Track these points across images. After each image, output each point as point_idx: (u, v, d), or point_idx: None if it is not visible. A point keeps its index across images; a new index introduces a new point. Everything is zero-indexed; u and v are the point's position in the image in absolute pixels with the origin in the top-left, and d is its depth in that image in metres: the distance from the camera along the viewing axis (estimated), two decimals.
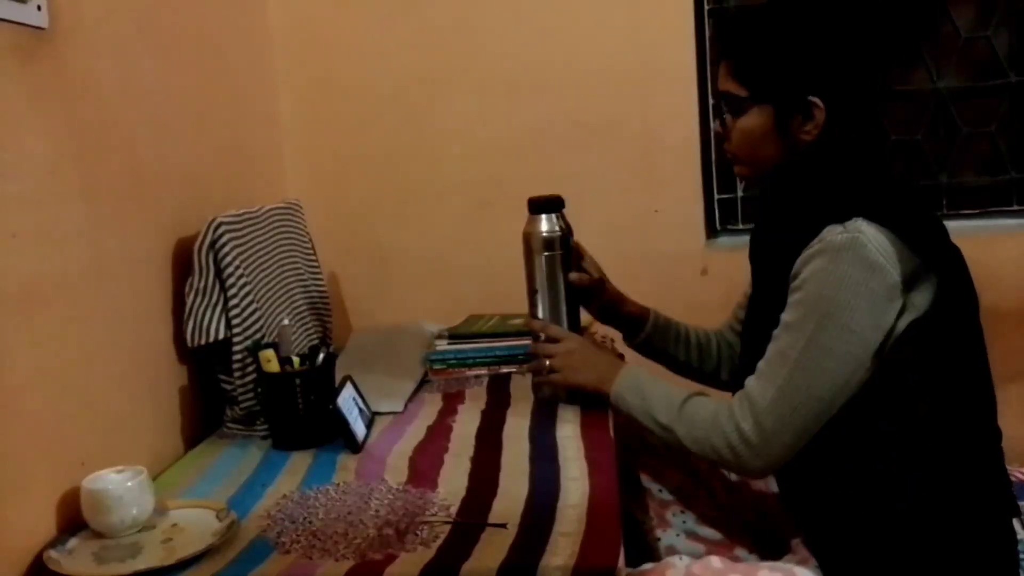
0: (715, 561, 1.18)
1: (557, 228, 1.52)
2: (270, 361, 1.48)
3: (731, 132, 1.31)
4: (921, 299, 1.18)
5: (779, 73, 1.25)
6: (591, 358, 1.46)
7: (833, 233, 1.17)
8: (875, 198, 1.22)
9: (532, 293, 1.53)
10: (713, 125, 1.39)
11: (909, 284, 1.17)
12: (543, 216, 1.52)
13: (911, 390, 1.20)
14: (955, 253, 1.25)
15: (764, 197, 1.40)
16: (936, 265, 1.19)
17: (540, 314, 1.53)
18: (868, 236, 1.16)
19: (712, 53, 2.21)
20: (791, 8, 1.30)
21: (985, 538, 1.24)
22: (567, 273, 1.52)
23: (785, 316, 1.21)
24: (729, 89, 1.30)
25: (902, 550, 1.20)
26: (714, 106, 1.40)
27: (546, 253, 1.52)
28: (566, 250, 1.53)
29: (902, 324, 1.17)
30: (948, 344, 1.21)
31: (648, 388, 1.35)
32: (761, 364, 1.23)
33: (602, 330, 1.76)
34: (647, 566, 1.22)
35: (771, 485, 1.45)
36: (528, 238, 1.53)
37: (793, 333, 1.19)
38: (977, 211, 2.29)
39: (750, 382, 1.24)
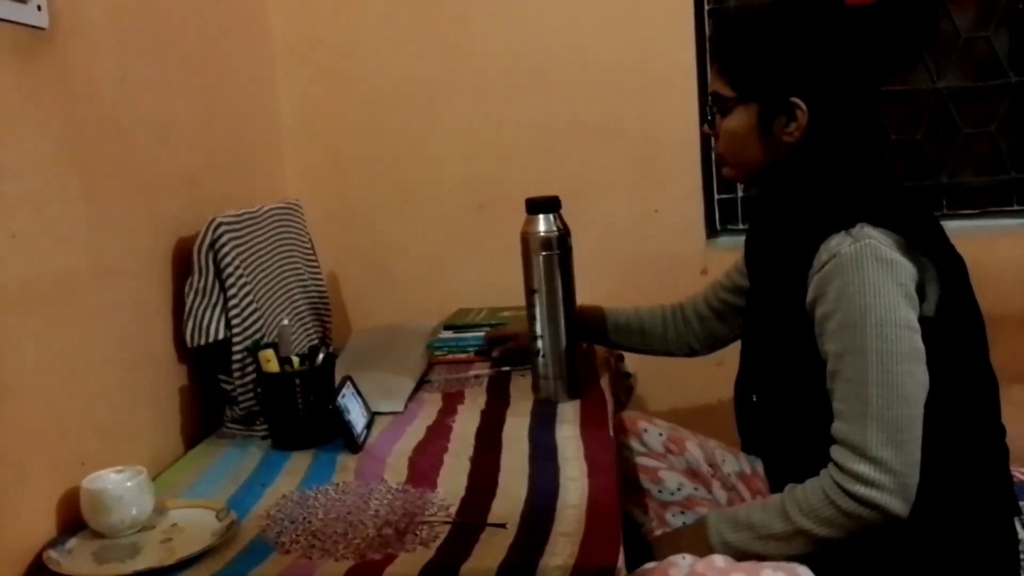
0: (718, 560, 1.16)
1: (554, 228, 1.53)
2: (270, 361, 1.47)
3: (719, 132, 1.33)
4: (930, 298, 1.19)
5: (763, 72, 1.27)
6: (677, 543, 1.28)
7: (843, 246, 1.17)
8: (876, 203, 1.22)
9: (530, 292, 1.55)
10: (703, 127, 1.40)
11: (920, 282, 1.18)
12: (541, 216, 1.54)
13: None
14: (957, 256, 1.26)
15: (762, 203, 1.41)
16: (941, 264, 1.20)
17: (538, 313, 1.54)
18: (877, 239, 1.16)
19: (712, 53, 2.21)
20: (782, 11, 1.32)
21: (986, 536, 1.25)
22: (564, 273, 1.54)
23: (833, 347, 1.18)
24: (717, 89, 1.32)
25: (900, 548, 1.20)
26: (706, 107, 1.39)
27: (544, 253, 1.53)
28: (564, 250, 1.54)
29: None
30: (953, 343, 1.21)
31: (742, 518, 1.23)
32: (839, 406, 1.18)
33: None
34: (649, 565, 1.22)
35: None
36: (526, 238, 1.54)
37: (855, 357, 1.16)
38: (977, 211, 2.29)
39: (839, 430, 1.17)
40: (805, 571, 1.20)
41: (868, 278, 1.15)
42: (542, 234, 1.53)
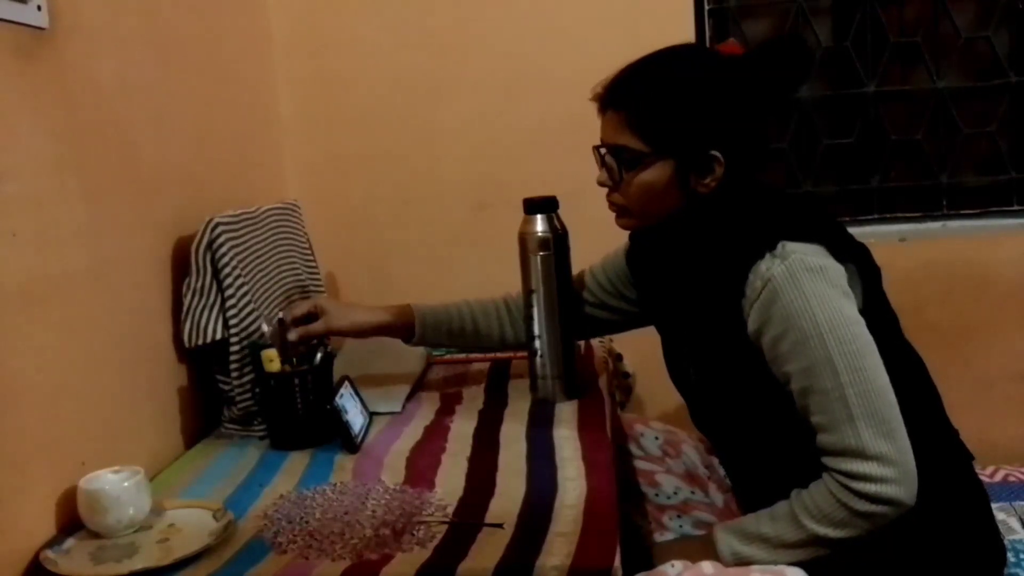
0: (707, 567, 1.15)
1: (552, 228, 1.53)
2: (272, 361, 1.48)
3: (626, 186, 1.30)
4: (856, 295, 1.22)
5: (683, 128, 1.25)
6: (686, 554, 1.22)
7: (773, 268, 1.19)
8: (789, 219, 1.25)
9: (528, 293, 1.55)
10: (598, 175, 1.34)
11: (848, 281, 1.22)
12: (538, 216, 1.54)
13: None
14: (865, 249, 1.29)
15: (661, 249, 1.41)
16: (858, 261, 1.24)
17: (536, 313, 1.55)
18: (800, 251, 1.19)
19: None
20: (689, 64, 1.30)
21: (964, 522, 1.27)
22: (562, 273, 1.54)
23: (795, 365, 1.18)
24: (625, 143, 1.28)
25: (887, 543, 1.20)
26: (600, 156, 1.34)
27: (542, 253, 1.53)
28: (561, 250, 1.54)
29: None
30: (883, 333, 1.22)
31: (751, 530, 1.22)
32: (820, 419, 1.18)
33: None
34: None
35: None
36: (524, 238, 1.54)
37: (822, 367, 1.16)
38: (977, 211, 2.29)
39: (829, 441, 1.17)
40: (793, 571, 1.20)
41: (807, 290, 1.17)
42: (539, 234, 1.53)
